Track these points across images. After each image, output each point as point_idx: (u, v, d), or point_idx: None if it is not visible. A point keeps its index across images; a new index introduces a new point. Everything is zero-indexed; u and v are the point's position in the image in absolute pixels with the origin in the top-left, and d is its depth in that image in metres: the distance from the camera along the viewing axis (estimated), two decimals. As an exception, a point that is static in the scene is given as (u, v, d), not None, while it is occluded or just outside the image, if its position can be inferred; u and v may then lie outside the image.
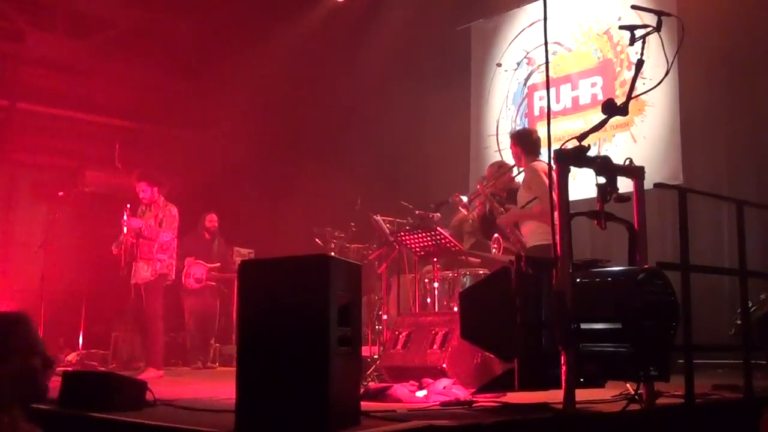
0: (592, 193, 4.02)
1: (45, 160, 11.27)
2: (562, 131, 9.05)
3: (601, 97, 9.13)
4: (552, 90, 9.78)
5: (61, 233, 9.14)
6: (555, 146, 3.93)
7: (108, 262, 10.18)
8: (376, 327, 7.82)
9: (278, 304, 3.15)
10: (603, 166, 3.91)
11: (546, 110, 5.58)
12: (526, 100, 10.19)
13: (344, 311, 3.20)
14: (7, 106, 11.01)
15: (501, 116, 10.35)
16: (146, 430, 3.36)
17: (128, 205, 7.48)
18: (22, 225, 10.85)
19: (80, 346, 8.95)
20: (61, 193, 7.63)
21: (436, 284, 6.35)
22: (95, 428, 3.58)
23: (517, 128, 9.40)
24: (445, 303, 6.94)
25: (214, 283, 9.48)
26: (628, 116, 8.65)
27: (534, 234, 5.96)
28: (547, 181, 5.96)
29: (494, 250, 6.31)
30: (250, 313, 3.23)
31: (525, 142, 6.30)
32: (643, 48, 3.97)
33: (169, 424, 3.34)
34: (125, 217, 7.37)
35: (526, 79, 10.21)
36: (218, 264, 9.46)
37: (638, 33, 3.97)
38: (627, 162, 4.13)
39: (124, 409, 3.74)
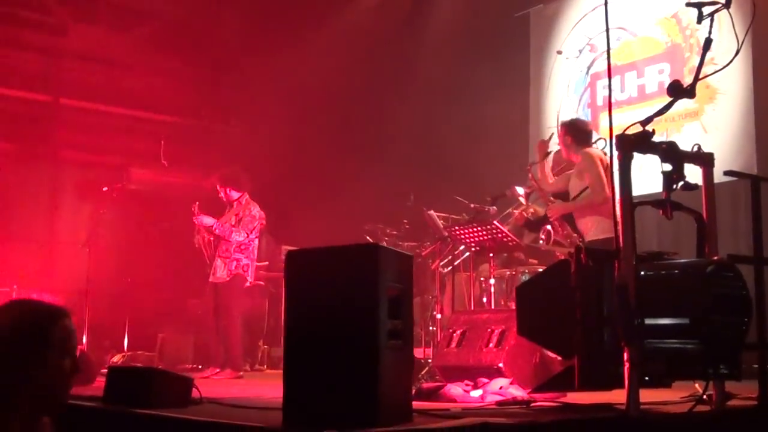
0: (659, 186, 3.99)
1: (89, 157, 11.51)
2: (627, 123, 8.92)
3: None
4: (616, 78, 9.69)
5: (106, 232, 9.34)
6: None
7: (154, 261, 10.45)
8: (430, 328, 7.83)
9: (326, 295, 3.18)
10: (669, 152, 3.87)
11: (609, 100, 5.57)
12: (589, 89, 10.10)
13: (395, 303, 3.22)
14: (50, 101, 11.29)
15: (562, 106, 10.28)
16: (191, 426, 3.43)
17: (197, 203, 7.70)
18: (66, 224, 11.10)
19: (125, 348, 9.12)
20: (105, 189, 7.78)
21: (492, 281, 6.34)
22: (139, 424, 3.66)
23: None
24: (502, 302, 6.94)
25: (262, 283, 9.58)
26: (698, 105, 8.71)
27: (593, 227, 5.91)
28: (602, 169, 5.93)
29: (542, 241, 6.27)
30: (296, 304, 3.27)
31: (579, 131, 6.30)
32: (711, 26, 3.92)
33: (215, 420, 3.41)
34: (195, 214, 7.58)
35: (589, 67, 10.12)
36: (266, 263, 9.56)
37: (706, 11, 3.92)
38: (695, 148, 4.08)
39: (168, 405, 3.81)
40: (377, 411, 3.04)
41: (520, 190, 6.74)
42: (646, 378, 3.75)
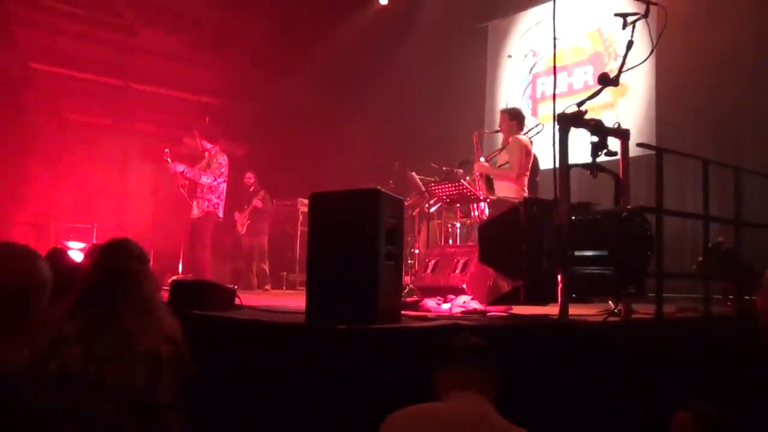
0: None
1: (150, 129, 11.41)
2: (558, 111, 8.89)
3: (591, 83, 8.99)
4: (551, 77, 9.64)
5: (164, 185, 9.24)
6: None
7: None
8: (408, 261, 7.82)
9: (340, 226, 3.18)
10: (596, 127, 3.89)
11: (547, 94, 5.43)
12: (531, 85, 10.06)
13: (390, 234, 3.22)
14: (122, 85, 11.16)
15: (509, 100, 10.24)
16: (236, 324, 3.44)
17: (167, 150, 7.28)
18: (133, 180, 11.03)
19: (180, 271, 9.08)
20: (167, 150, 7.63)
21: (458, 224, 6.34)
22: (196, 322, 3.66)
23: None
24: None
25: (248, 220, 9.25)
26: (613, 98, 8.68)
27: (503, 189, 5.87)
28: (523, 155, 5.86)
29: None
30: (317, 233, 3.26)
31: (522, 118, 6.20)
32: (632, 32, 3.90)
33: (256, 318, 3.42)
34: (169, 161, 7.22)
35: (531, 68, 10.06)
36: (245, 206, 9.22)
37: (629, 19, 3.90)
38: (616, 125, 4.09)
39: (218, 309, 3.82)
40: (376, 312, 3.05)
41: (482, 159, 6.63)
42: (574, 295, 3.80)
